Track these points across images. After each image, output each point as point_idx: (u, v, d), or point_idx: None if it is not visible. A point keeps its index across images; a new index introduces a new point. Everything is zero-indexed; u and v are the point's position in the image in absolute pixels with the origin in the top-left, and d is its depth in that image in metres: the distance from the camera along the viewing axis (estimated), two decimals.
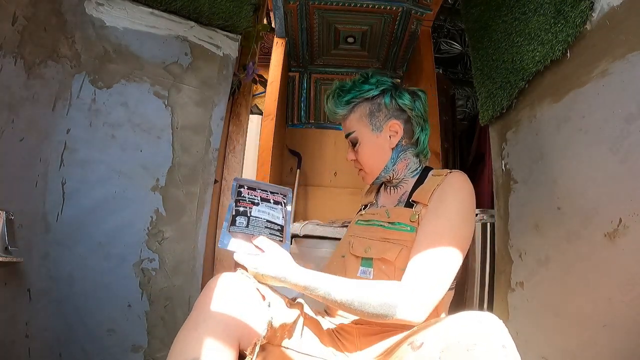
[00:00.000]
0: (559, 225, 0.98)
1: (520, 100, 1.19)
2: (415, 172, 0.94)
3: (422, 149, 0.94)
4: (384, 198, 0.98)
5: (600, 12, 0.89)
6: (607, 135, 0.85)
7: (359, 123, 0.92)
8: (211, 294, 0.68)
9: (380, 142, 0.91)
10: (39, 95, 0.96)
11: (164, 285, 1.13)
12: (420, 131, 0.93)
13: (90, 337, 1.03)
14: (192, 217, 1.19)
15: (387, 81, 0.94)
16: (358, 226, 0.95)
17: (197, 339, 0.64)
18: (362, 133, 0.92)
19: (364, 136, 0.92)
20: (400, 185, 0.95)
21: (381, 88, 0.92)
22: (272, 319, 0.67)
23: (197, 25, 1.25)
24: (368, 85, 0.92)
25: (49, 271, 0.99)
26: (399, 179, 0.94)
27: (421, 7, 1.93)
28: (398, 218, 0.86)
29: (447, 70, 3.09)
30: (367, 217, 0.95)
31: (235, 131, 1.50)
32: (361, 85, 0.92)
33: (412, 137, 0.93)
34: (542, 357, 1.00)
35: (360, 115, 0.92)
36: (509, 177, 1.23)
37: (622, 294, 0.78)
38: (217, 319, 0.65)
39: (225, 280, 0.70)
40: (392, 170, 0.93)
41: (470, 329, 0.53)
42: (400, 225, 0.84)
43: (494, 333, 0.53)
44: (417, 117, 0.92)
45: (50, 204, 1.00)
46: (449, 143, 2.47)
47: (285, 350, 0.72)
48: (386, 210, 0.90)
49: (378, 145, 0.92)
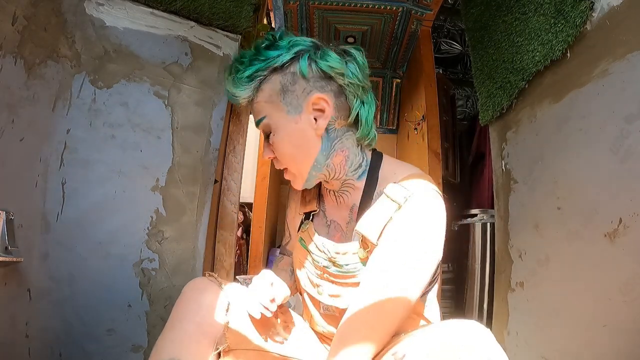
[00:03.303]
0: (559, 225, 0.98)
1: (520, 100, 1.19)
2: (360, 171, 0.71)
3: (367, 131, 0.69)
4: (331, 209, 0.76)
5: (600, 12, 0.89)
6: (607, 135, 0.85)
7: (269, 105, 0.67)
8: (186, 297, 0.71)
9: (302, 127, 0.66)
10: (39, 95, 0.96)
11: (164, 285, 1.13)
12: (360, 105, 0.68)
13: (90, 337, 1.03)
14: (192, 217, 1.19)
15: (305, 41, 0.68)
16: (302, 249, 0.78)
17: (173, 339, 0.67)
18: (274, 118, 0.67)
19: (278, 122, 0.66)
20: (346, 192, 0.72)
21: (294, 50, 0.66)
22: (229, 323, 0.70)
23: (197, 25, 1.25)
24: (276, 50, 0.66)
25: (49, 271, 0.99)
26: (340, 179, 0.71)
27: (421, 7, 1.93)
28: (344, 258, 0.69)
29: (447, 70, 3.09)
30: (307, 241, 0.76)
31: (235, 131, 1.50)
32: (266, 51, 0.66)
33: (349, 116, 0.68)
34: (542, 357, 1.00)
35: (269, 93, 0.66)
36: (509, 177, 1.23)
37: (622, 294, 0.78)
38: (191, 320, 0.68)
39: (196, 284, 0.73)
40: (326, 166, 0.69)
41: (454, 340, 0.50)
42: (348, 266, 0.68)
43: (478, 345, 0.49)
44: (352, 85, 0.66)
45: (50, 204, 1.00)
46: (449, 143, 2.47)
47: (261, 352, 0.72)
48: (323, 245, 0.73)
49: (299, 131, 0.66)
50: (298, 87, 0.66)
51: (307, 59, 0.66)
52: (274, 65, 0.66)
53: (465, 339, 0.50)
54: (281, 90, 0.66)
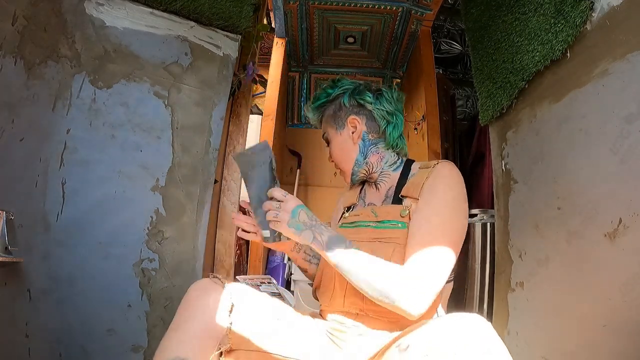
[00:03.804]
0: (559, 225, 0.98)
1: (520, 100, 1.19)
2: (395, 166, 0.95)
3: (391, 142, 0.95)
4: (370, 195, 0.98)
5: (600, 12, 0.89)
6: (607, 135, 0.85)
7: (327, 124, 0.98)
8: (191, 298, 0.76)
9: (344, 138, 0.95)
10: (39, 95, 0.96)
11: (164, 285, 1.13)
12: (386, 125, 0.94)
13: (90, 337, 1.03)
14: (192, 217, 1.19)
15: (352, 83, 0.98)
16: (343, 229, 0.93)
17: (178, 339, 0.71)
18: (329, 133, 0.98)
19: (331, 135, 0.97)
20: (384, 181, 0.95)
21: (342, 89, 0.97)
22: (232, 325, 0.74)
23: (197, 25, 1.25)
24: (332, 90, 0.98)
25: (49, 271, 0.99)
26: (378, 172, 0.95)
27: (421, 7, 1.93)
28: (387, 216, 0.85)
29: (447, 70, 3.10)
30: (352, 219, 0.94)
31: (235, 131, 1.50)
32: (327, 90, 0.99)
33: (379, 131, 0.95)
34: (542, 357, 1.00)
35: (327, 117, 0.98)
36: (509, 177, 1.23)
37: (622, 294, 0.78)
38: (197, 321, 0.73)
39: (201, 285, 0.78)
40: (365, 163, 0.94)
41: (456, 333, 0.53)
42: (390, 223, 0.84)
43: (479, 338, 0.52)
44: (381, 111, 0.94)
45: (50, 204, 1.00)
46: (449, 143, 2.47)
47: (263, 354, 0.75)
48: (372, 210, 0.89)
49: (342, 140, 0.95)
50: (342, 112, 0.96)
51: (348, 95, 0.96)
52: (330, 99, 0.98)
53: (466, 333, 0.53)
54: (332, 114, 0.97)
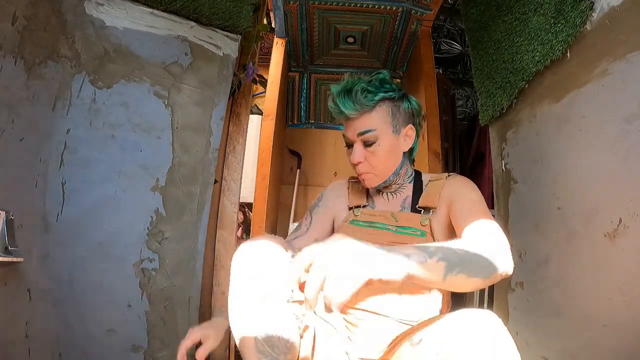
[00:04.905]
0: (559, 225, 0.98)
1: (520, 100, 1.19)
2: (410, 178, 0.95)
3: (414, 156, 0.97)
4: (382, 204, 0.95)
5: (600, 12, 0.89)
6: (607, 135, 0.85)
7: (381, 122, 0.87)
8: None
9: (398, 145, 0.90)
10: (39, 95, 0.96)
11: (164, 285, 1.13)
12: (416, 137, 0.95)
13: (90, 337, 1.03)
14: (192, 217, 1.19)
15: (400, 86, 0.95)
16: (356, 227, 0.91)
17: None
18: (383, 133, 0.87)
19: (385, 137, 0.88)
20: (400, 191, 0.94)
21: (402, 92, 0.92)
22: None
23: (197, 25, 1.25)
24: (390, 85, 0.90)
25: (49, 271, 0.99)
26: (399, 184, 0.94)
27: (421, 7, 1.93)
28: (408, 223, 0.86)
29: (447, 70, 3.10)
30: (367, 219, 0.92)
31: (235, 131, 1.50)
32: (384, 84, 0.89)
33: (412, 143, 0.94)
34: (542, 357, 1.00)
35: (383, 114, 0.88)
36: (509, 177, 1.23)
37: (622, 294, 0.78)
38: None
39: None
40: (397, 174, 0.93)
41: (469, 326, 0.54)
42: (410, 230, 0.84)
43: (492, 331, 0.53)
44: (419, 123, 0.95)
45: (50, 204, 1.00)
46: (449, 143, 2.47)
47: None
48: (392, 214, 0.89)
49: (396, 147, 0.90)
50: (401, 116, 0.90)
51: (407, 99, 0.92)
52: (389, 96, 0.88)
53: (479, 326, 0.53)
54: (392, 114, 0.89)
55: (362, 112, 0.87)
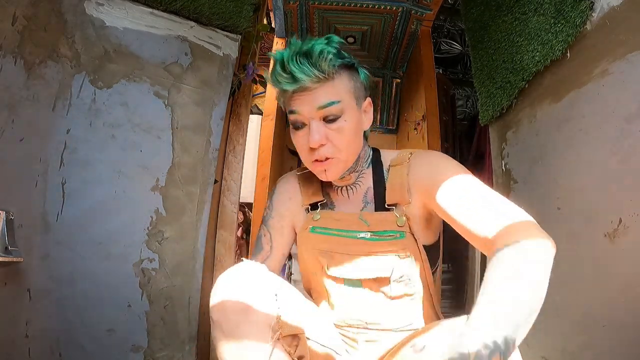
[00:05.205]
0: (559, 225, 0.98)
1: (520, 100, 1.19)
2: (368, 160, 0.79)
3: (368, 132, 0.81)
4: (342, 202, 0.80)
5: (600, 12, 0.89)
6: (607, 135, 0.85)
7: (345, 92, 0.70)
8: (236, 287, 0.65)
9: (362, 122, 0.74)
10: (39, 95, 0.96)
11: (164, 285, 1.13)
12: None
13: (90, 337, 1.02)
14: (192, 217, 1.19)
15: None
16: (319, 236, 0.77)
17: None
18: (348, 106, 0.70)
19: (350, 110, 0.71)
20: (359, 182, 0.78)
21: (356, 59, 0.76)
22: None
23: (197, 25, 1.25)
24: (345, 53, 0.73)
25: (49, 271, 0.99)
26: (358, 171, 0.78)
27: (421, 7, 1.93)
28: (382, 226, 0.72)
29: (447, 70, 3.10)
30: (329, 224, 0.77)
31: (235, 131, 1.50)
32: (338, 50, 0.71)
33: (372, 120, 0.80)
34: (542, 357, 1.00)
35: (346, 82, 0.71)
36: (509, 177, 1.23)
37: (622, 294, 0.78)
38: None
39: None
40: (358, 160, 0.77)
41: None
42: (387, 235, 0.71)
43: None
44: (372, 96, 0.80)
45: (50, 204, 1.00)
46: (449, 143, 2.47)
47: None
48: (360, 217, 0.75)
49: (360, 123, 0.74)
50: (360, 89, 0.74)
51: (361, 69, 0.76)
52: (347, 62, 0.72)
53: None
54: (354, 85, 0.73)
55: (324, 80, 0.68)
